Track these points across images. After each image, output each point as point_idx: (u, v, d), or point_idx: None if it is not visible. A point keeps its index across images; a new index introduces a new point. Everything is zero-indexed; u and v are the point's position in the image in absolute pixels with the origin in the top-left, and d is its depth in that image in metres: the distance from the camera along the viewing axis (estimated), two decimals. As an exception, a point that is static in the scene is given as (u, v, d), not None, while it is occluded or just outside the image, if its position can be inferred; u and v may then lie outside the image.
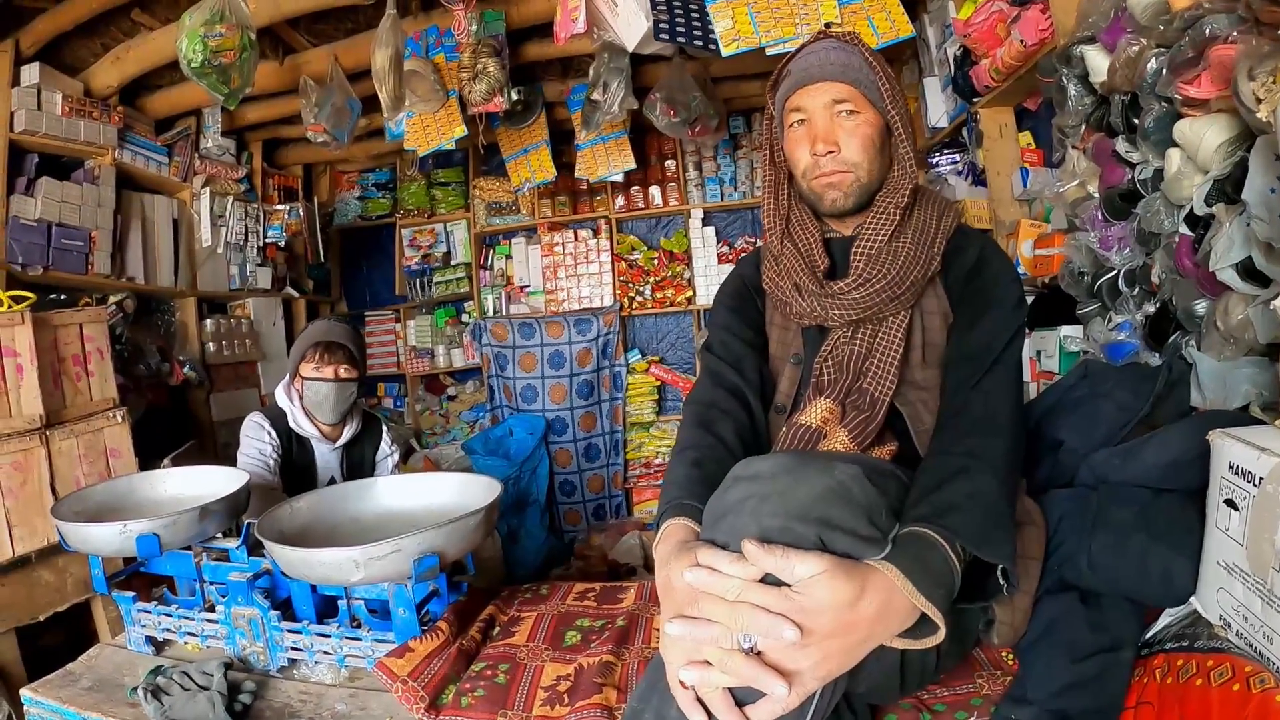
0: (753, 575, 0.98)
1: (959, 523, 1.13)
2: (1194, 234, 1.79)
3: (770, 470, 1.09)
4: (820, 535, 1.01)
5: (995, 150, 3.40)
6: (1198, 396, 1.74)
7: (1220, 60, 1.68)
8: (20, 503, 2.82)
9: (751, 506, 1.04)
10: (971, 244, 1.58)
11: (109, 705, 1.85)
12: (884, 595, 1.01)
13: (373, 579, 1.74)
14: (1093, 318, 2.31)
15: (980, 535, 1.14)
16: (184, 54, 3.31)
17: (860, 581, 0.99)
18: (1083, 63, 2.30)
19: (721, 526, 1.07)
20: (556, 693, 1.66)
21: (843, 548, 1.02)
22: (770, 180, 1.67)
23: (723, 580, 0.99)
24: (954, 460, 1.27)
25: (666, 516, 1.26)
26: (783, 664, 0.96)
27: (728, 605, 0.98)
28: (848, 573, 0.99)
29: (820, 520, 1.01)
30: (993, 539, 1.16)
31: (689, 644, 1.00)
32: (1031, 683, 1.31)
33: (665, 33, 3.28)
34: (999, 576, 1.21)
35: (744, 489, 1.08)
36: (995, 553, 1.16)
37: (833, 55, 1.54)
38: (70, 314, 3.19)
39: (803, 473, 1.07)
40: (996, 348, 1.44)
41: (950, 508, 1.15)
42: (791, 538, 1.00)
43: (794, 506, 1.02)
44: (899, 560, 1.04)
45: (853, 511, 1.04)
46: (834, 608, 0.97)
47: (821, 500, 1.03)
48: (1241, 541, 1.20)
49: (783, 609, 0.95)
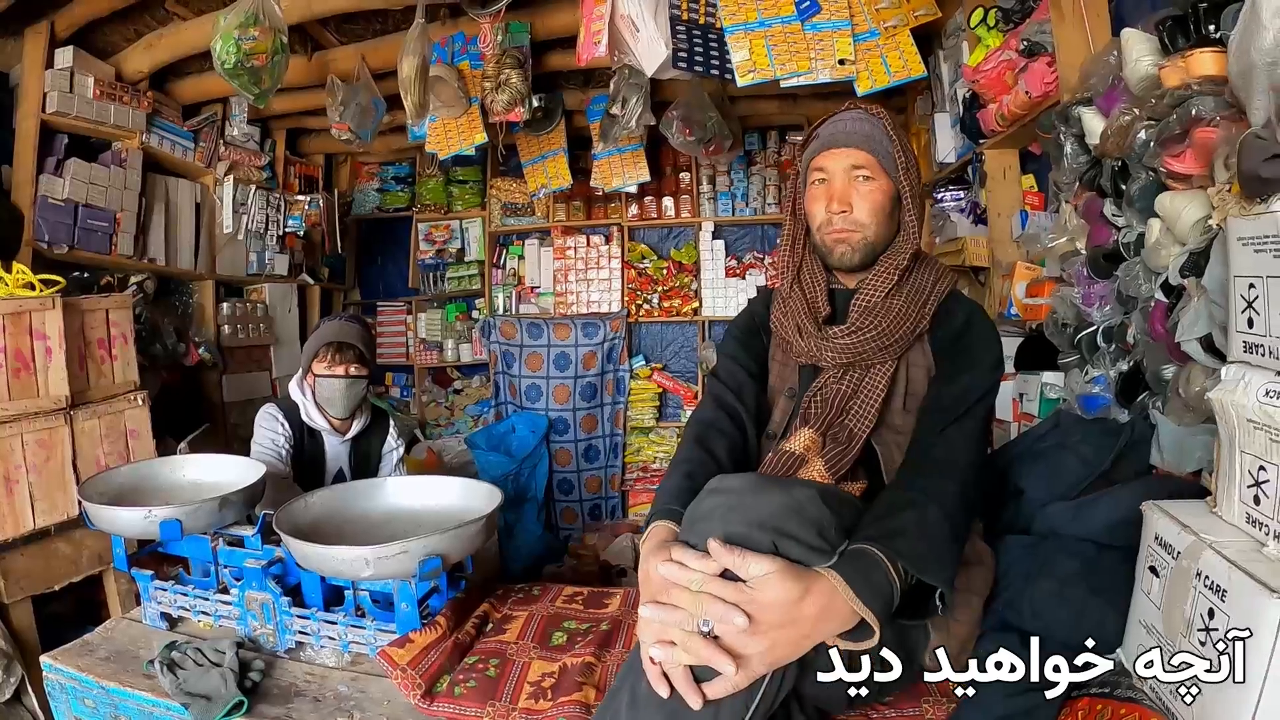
0: (714, 570, 1.16)
1: (902, 545, 1.27)
2: (1168, 301, 1.85)
3: (739, 487, 1.27)
4: (775, 542, 1.18)
5: (998, 192, 3.45)
6: (1157, 457, 1.84)
7: (1203, 141, 1.76)
8: (43, 478, 2.93)
9: (720, 515, 1.22)
10: (961, 308, 1.72)
11: (126, 675, 1.95)
12: (826, 598, 1.17)
13: (380, 576, 1.85)
14: (1072, 368, 2.37)
15: (920, 559, 1.28)
16: (217, 55, 3.41)
17: (806, 583, 1.16)
18: (1080, 123, 2.35)
19: (694, 530, 1.24)
20: (541, 688, 1.78)
21: (795, 555, 1.18)
22: (790, 230, 1.81)
23: (688, 573, 1.17)
24: (907, 494, 1.41)
25: (654, 519, 1.42)
26: (735, 648, 1.13)
27: (691, 594, 1.15)
28: (795, 575, 1.15)
29: (776, 529, 1.18)
30: (931, 564, 1.30)
31: (658, 626, 1.17)
32: (969, 713, 1.42)
33: (684, 61, 3.36)
34: (936, 599, 1.34)
35: (715, 500, 1.26)
36: (933, 576, 1.29)
37: (858, 125, 1.68)
38: (98, 300, 3.30)
39: (766, 491, 1.25)
40: (967, 402, 1.57)
41: (896, 532, 1.29)
42: (750, 543, 1.17)
43: (754, 517, 1.19)
44: (843, 569, 1.20)
45: (805, 525, 1.21)
46: (781, 603, 1.13)
47: (779, 513, 1.20)
48: (1159, 606, 1.32)
49: (736, 599, 1.13)
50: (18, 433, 2.85)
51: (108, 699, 1.94)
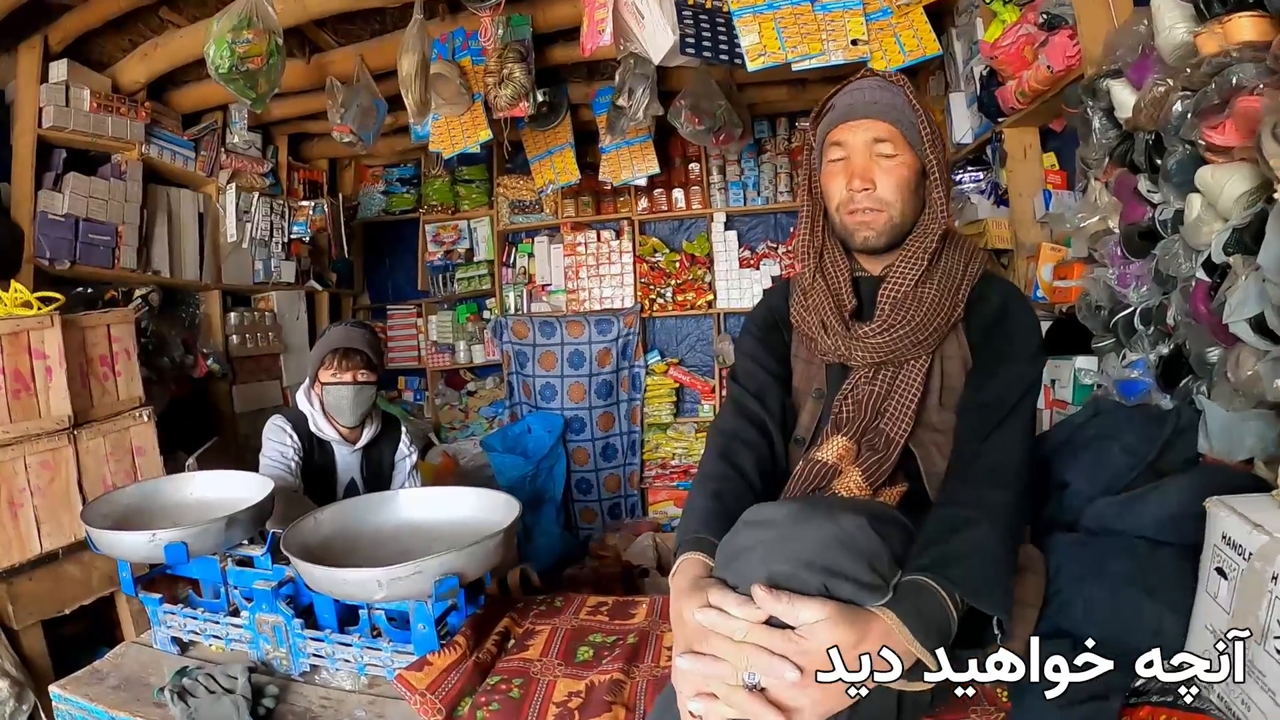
0: (759, 618, 1.04)
1: (959, 574, 1.17)
2: (1210, 280, 1.78)
3: (780, 518, 1.14)
4: (825, 582, 1.06)
5: (1019, 171, 3.37)
6: (1205, 444, 1.75)
7: (1246, 111, 1.67)
8: (48, 500, 2.87)
9: (761, 552, 1.10)
10: (995, 292, 1.60)
11: (136, 705, 1.87)
12: (882, 641, 1.05)
13: (394, 598, 1.77)
14: (1107, 352, 2.30)
15: (978, 588, 1.18)
16: (211, 60, 3.35)
17: (861, 628, 1.04)
18: (1108, 96, 2.28)
19: (732, 568, 1.12)
20: (568, 709, 1.69)
21: (846, 594, 1.07)
22: (807, 211, 1.67)
23: (730, 621, 1.05)
24: (959, 511, 1.31)
25: (683, 550, 1.30)
26: (784, 701, 1.02)
27: (734, 645, 1.04)
28: (849, 619, 1.04)
29: (825, 568, 1.06)
30: (990, 592, 1.20)
31: (697, 678, 1.06)
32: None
33: (691, 47, 3.28)
34: (994, 626, 1.25)
35: (754, 534, 1.13)
36: (991, 605, 1.20)
37: (877, 94, 1.56)
38: (98, 315, 3.23)
39: (810, 521, 1.12)
40: (1011, 400, 1.46)
41: (952, 559, 1.19)
42: (797, 584, 1.05)
43: (800, 553, 1.07)
44: (899, 608, 1.09)
45: (856, 559, 1.09)
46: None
47: (827, 548, 1.08)
48: (1229, 610, 1.22)
49: (785, 651, 1.02)
50: (20, 455, 2.79)
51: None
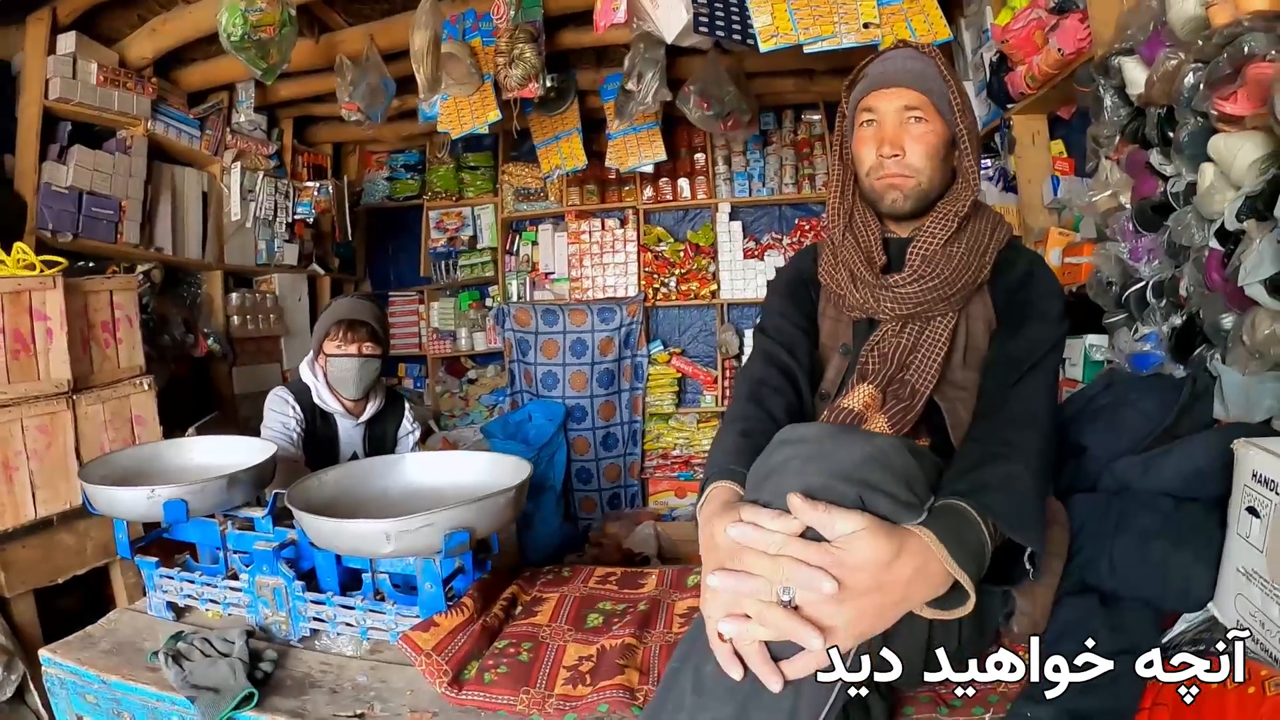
0: (794, 530, 1.02)
1: (994, 501, 1.16)
2: (1224, 249, 1.77)
3: (814, 435, 1.14)
4: (861, 495, 1.04)
5: (1027, 157, 3.38)
6: (1220, 409, 1.73)
7: (1257, 78, 1.66)
8: (45, 465, 2.85)
9: (795, 467, 1.09)
10: (1021, 258, 1.64)
11: (129, 669, 1.85)
12: (920, 559, 1.04)
13: (402, 552, 1.75)
14: (1119, 328, 2.29)
15: (1013, 517, 1.17)
16: (224, 27, 3.35)
17: (898, 542, 1.03)
18: (1120, 74, 2.27)
19: (766, 487, 1.11)
20: (579, 673, 1.68)
21: (883, 509, 1.05)
22: (838, 175, 1.71)
23: (765, 535, 1.03)
24: (990, 447, 1.30)
25: (712, 479, 1.30)
26: (819, 619, 0.99)
27: (769, 559, 1.01)
28: (887, 532, 1.02)
29: (861, 481, 1.05)
30: (1024, 522, 1.19)
31: (729, 597, 1.04)
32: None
33: (705, 25, 3.27)
34: (1025, 562, 1.24)
35: (788, 451, 1.12)
36: (1025, 536, 1.19)
37: (910, 63, 1.59)
38: (101, 281, 3.21)
39: (845, 438, 1.12)
40: (1036, 354, 1.47)
41: (986, 486, 1.18)
42: (834, 495, 1.03)
43: (836, 467, 1.06)
44: (935, 527, 1.07)
45: (892, 477, 1.08)
46: (872, 565, 1.00)
47: (863, 464, 1.07)
48: (1262, 549, 1.21)
49: (822, 562, 0.99)
50: (17, 417, 2.76)
51: (109, 694, 1.84)
